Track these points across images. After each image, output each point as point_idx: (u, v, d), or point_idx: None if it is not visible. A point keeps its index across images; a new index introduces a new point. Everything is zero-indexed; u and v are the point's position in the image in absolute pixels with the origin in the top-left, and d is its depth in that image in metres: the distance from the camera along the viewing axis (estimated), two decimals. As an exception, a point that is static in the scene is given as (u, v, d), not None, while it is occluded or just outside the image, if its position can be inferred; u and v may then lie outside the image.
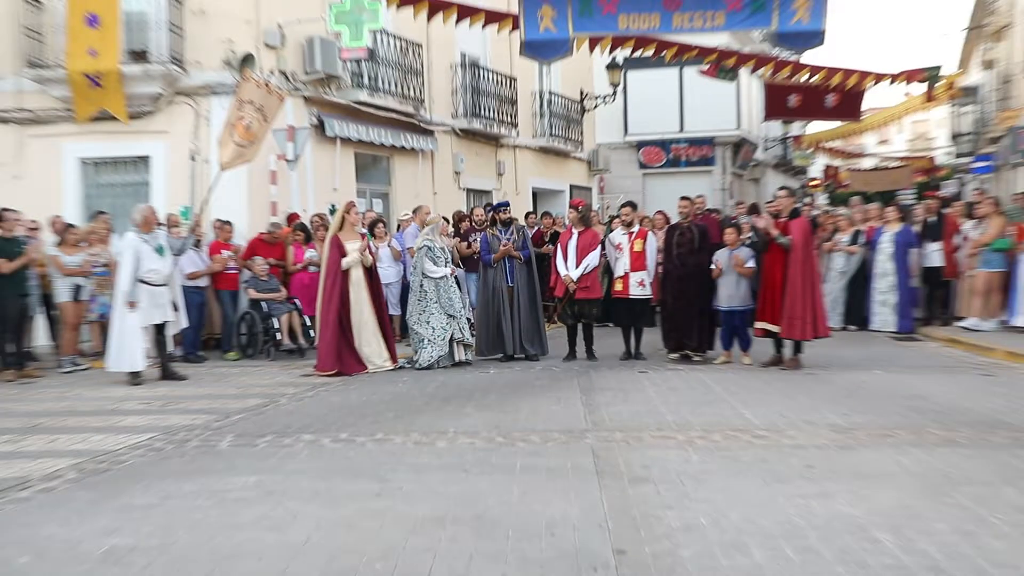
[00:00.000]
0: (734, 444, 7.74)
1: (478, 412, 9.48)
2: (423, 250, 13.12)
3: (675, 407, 9.50)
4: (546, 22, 14.50)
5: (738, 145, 31.51)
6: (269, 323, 14.24)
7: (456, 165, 21.48)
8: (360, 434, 8.45)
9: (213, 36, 15.87)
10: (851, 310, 16.94)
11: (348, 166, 18.15)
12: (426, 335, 12.94)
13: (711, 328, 13.17)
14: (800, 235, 11.96)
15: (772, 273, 12.09)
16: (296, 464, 7.36)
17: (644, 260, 13.37)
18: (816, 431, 8.18)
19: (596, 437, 8.10)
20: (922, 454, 7.27)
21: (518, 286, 13.56)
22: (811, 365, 12.22)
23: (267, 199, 16.04)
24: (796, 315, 11.84)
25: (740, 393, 10.29)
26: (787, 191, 13.00)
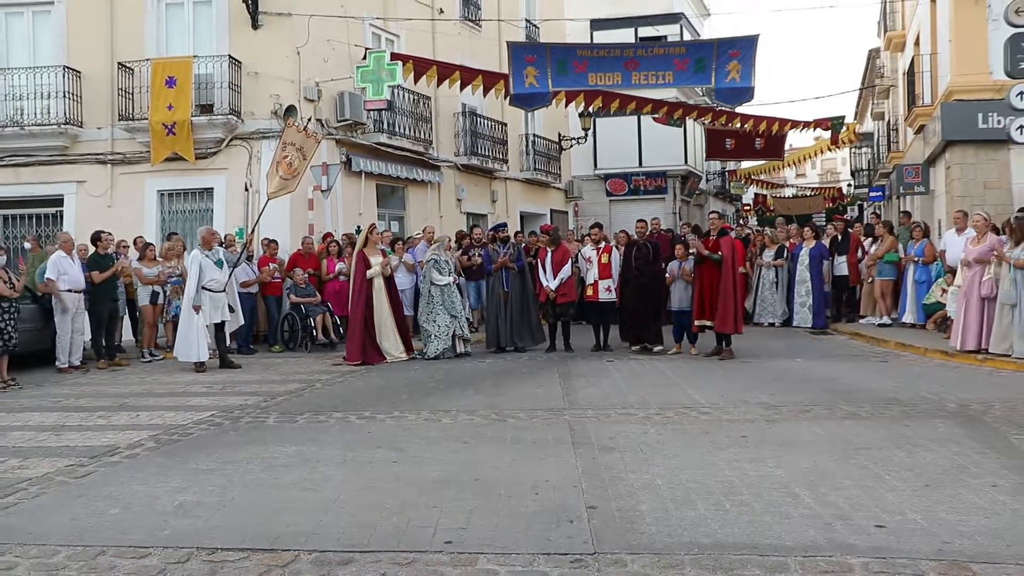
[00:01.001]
0: (684, 419, 7.74)
1: (476, 394, 9.47)
2: (431, 262, 13.13)
3: (636, 389, 9.50)
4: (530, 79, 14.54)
5: (686, 177, 31.52)
6: (307, 322, 14.23)
7: (458, 194, 21.44)
8: (380, 412, 8.42)
9: (264, 92, 15.96)
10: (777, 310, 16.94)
11: (371, 195, 18.10)
12: (433, 331, 12.94)
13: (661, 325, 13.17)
14: (728, 250, 12.01)
15: (707, 280, 12.11)
16: (328, 437, 7.33)
17: (610, 270, 13.34)
18: (749, 408, 8.19)
19: (572, 414, 8.09)
20: (833, 425, 7.29)
21: (513, 291, 13.53)
22: (744, 355, 12.22)
23: (305, 222, 16.01)
24: (727, 313, 11.87)
25: (689, 378, 10.29)
26: (717, 215, 13.01)
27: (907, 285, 14.91)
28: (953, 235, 13.78)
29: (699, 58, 14.19)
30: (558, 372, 11.14)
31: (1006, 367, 10.52)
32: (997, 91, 14.37)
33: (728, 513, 4.90)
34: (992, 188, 16.16)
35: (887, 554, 4.21)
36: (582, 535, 4.58)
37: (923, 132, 19.97)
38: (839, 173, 61.29)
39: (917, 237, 14.88)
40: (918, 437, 6.74)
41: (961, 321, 11.57)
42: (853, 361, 11.76)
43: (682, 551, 4.30)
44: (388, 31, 18.88)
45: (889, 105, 30.46)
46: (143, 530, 4.86)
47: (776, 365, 11.31)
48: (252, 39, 15.99)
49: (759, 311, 16.85)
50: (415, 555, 4.35)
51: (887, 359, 11.89)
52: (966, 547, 4.29)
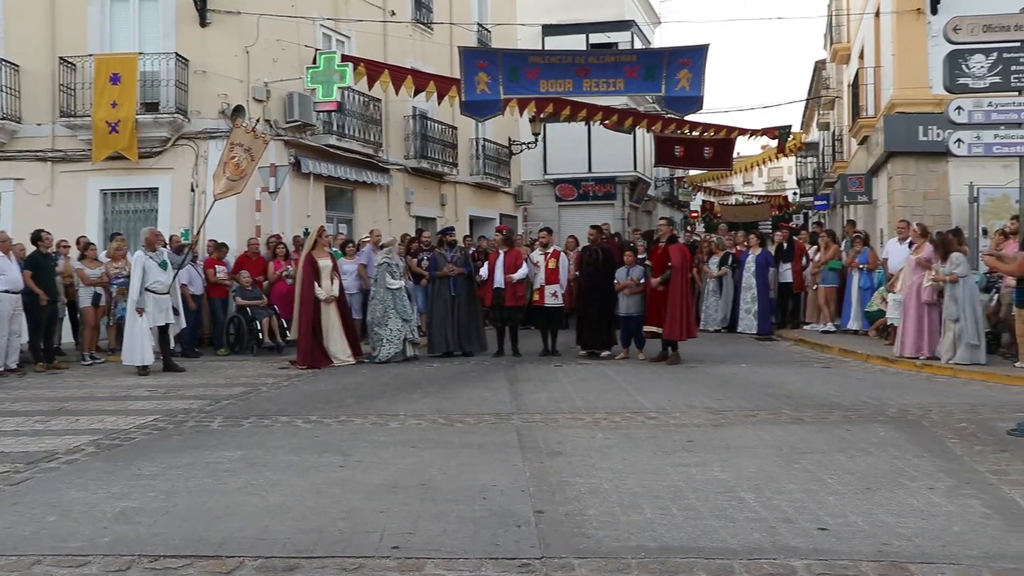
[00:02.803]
0: (631, 424, 7.78)
1: (424, 399, 9.44)
2: (383, 266, 13.08)
3: (584, 394, 9.53)
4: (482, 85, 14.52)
5: (634, 184, 31.78)
6: (253, 325, 14.08)
7: (407, 197, 21.34)
8: (327, 416, 8.36)
9: (211, 91, 15.72)
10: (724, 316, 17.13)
11: (319, 197, 17.95)
12: (385, 335, 12.90)
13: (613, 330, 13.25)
14: (677, 257, 12.09)
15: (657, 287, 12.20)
16: (274, 441, 7.26)
17: (557, 275, 13.37)
18: (696, 413, 8.27)
19: (520, 419, 8.10)
20: (777, 430, 7.39)
21: (459, 295, 13.50)
22: (691, 360, 12.34)
23: (252, 223, 15.81)
24: (675, 320, 11.97)
25: (636, 382, 10.35)
26: (667, 221, 13.14)
27: (851, 292, 15.20)
28: (895, 244, 14.15)
29: (649, 66, 14.29)
30: (506, 377, 11.14)
31: (943, 373, 10.79)
32: (937, 105, 14.73)
33: (675, 517, 4.94)
34: (931, 199, 16.54)
35: (829, 556, 4.29)
36: (529, 540, 4.58)
37: (867, 143, 20.39)
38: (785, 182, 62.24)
39: (858, 247, 15.21)
40: (859, 441, 6.87)
41: (901, 327, 11.85)
42: (797, 367, 11.94)
43: (629, 555, 4.33)
44: (339, 32, 18.76)
45: (834, 116, 31.01)
46: (82, 538, 4.76)
47: (722, 370, 11.43)
48: (200, 37, 15.76)
49: (705, 317, 17.02)
50: (361, 561, 4.32)
51: (830, 365, 12.09)
52: (904, 548, 4.39)
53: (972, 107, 10.13)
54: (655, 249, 12.68)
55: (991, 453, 6.43)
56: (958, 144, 10.37)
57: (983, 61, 9.95)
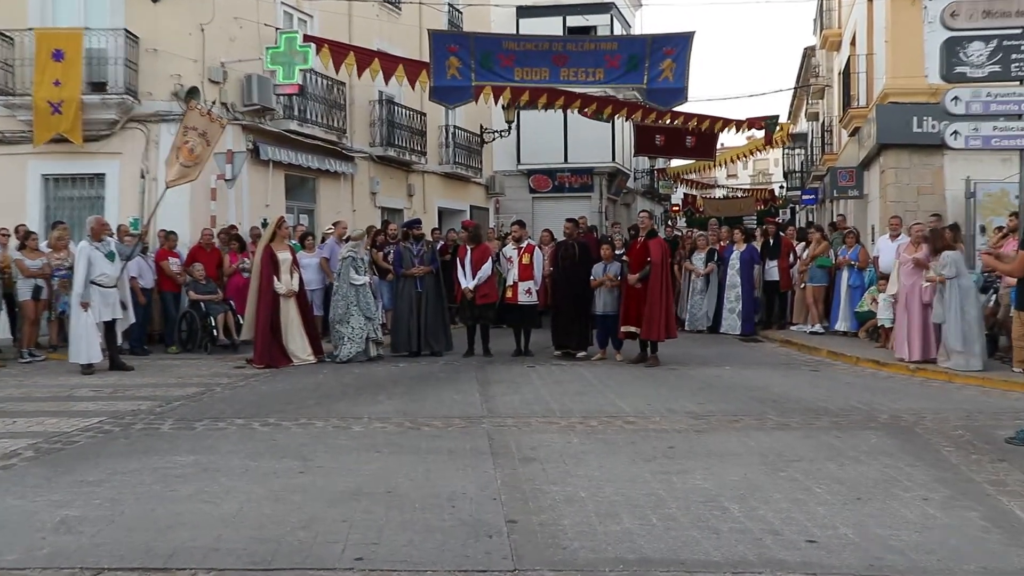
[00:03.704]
0: (608, 428, 7.80)
1: (389, 400, 9.42)
2: (348, 260, 13.02)
3: (559, 397, 9.54)
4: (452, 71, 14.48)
5: (613, 175, 31.86)
6: (207, 321, 13.96)
7: (372, 187, 21.27)
8: (286, 419, 8.31)
9: (164, 71, 15.54)
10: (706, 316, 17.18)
11: (279, 186, 17.84)
12: (347, 334, 12.85)
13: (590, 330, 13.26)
14: (657, 253, 12.12)
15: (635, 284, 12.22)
16: (229, 445, 7.21)
17: (531, 271, 13.38)
18: (676, 417, 8.29)
19: (491, 423, 8.10)
20: (763, 436, 7.43)
21: (426, 292, 13.45)
22: (671, 362, 12.38)
23: (207, 213, 15.68)
24: (654, 319, 11.98)
25: (613, 385, 10.37)
26: (647, 214, 13.11)
27: (840, 292, 15.28)
28: (887, 241, 14.21)
29: (631, 55, 14.30)
30: (476, 378, 11.13)
31: (938, 377, 10.87)
32: (932, 95, 14.83)
33: (655, 527, 4.95)
34: (926, 193, 16.67)
35: (818, 570, 4.31)
36: (501, 551, 4.57)
37: (858, 134, 20.54)
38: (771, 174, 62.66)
39: (850, 244, 15.29)
40: (849, 449, 6.91)
41: (904, 331, 11.85)
42: (784, 370, 12.00)
43: (607, 567, 4.33)
44: (301, 11, 18.64)
45: (824, 106, 31.22)
46: (19, 549, 4.69)
47: (704, 373, 11.48)
48: (151, 13, 15.56)
49: (689, 317, 17.07)
50: (323, 573, 4.30)
51: (818, 368, 12.17)
52: (898, 562, 4.41)
53: (970, 97, 10.17)
54: (634, 244, 12.70)
55: (988, 462, 6.48)
56: (954, 136, 10.42)
57: (982, 49, 10.02)
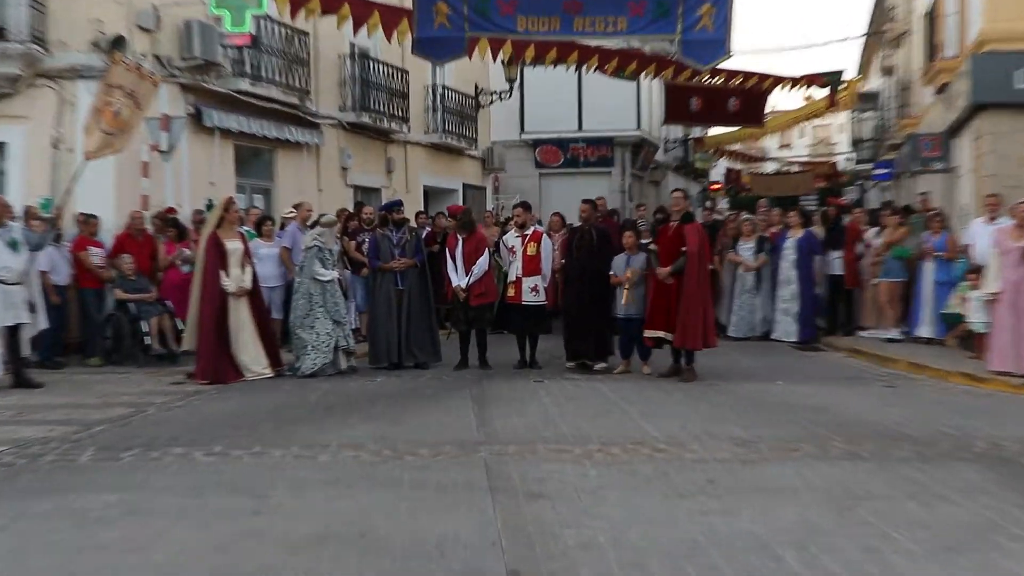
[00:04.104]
0: (634, 457, 7.78)
1: (363, 423, 9.40)
2: (313, 251, 13.00)
3: (572, 418, 9.52)
4: (440, 18, 14.37)
5: (638, 146, 31.83)
6: (137, 326, 13.94)
7: (343, 161, 21.26)
8: (235, 447, 8.29)
9: (80, 15, 15.44)
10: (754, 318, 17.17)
11: (227, 159, 17.83)
12: (310, 341, 12.81)
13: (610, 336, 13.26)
14: (694, 241, 12.08)
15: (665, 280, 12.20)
16: (164, 480, 7.18)
17: (538, 264, 13.38)
18: (718, 444, 8.26)
19: (489, 450, 8.08)
20: (825, 468, 7.39)
21: (409, 290, 13.42)
22: (711, 375, 12.37)
23: (137, 192, 15.63)
24: (691, 323, 11.93)
25: (639, 404, 10.35)
26: (681, 194, 12.95)
27: (922, 289, 15.21)
28: (982, 225, 13.76)
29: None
30: (471, 395, 11.13)
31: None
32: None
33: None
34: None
35: (896, 634, 4.27)
36: (502, 610, 4.55)
37: (946, 93, 20.39)
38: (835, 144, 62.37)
39: (935, 229, 15.17)
40: (937, 485, 6.87)
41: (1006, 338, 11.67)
42: (851, 385, 11.99)
43: (633, 631, 4.30)
44: (253, -58, 18.63)
45: (901, 58, 31.01)
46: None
47: (752, 389, 11.47)
48: (65, -59, 15.57)
49: (734, 320, 17.08)
50: (279, 638, 4.27)
51: (895, 384, 12.14)
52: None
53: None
54: (664, 230, 12.67)
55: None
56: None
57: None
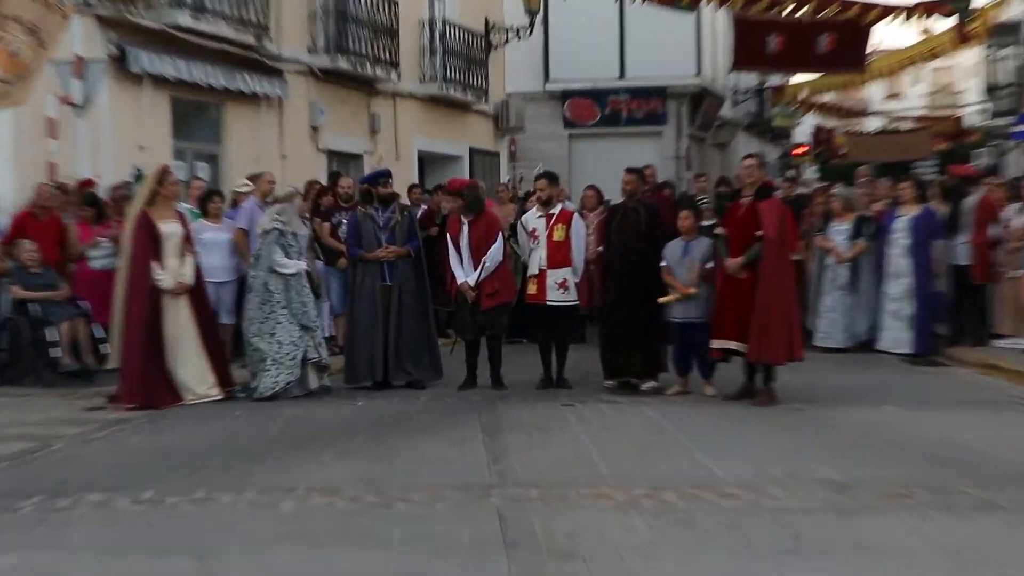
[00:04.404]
0: (694, 506, 7.76)
1: (340, 460, 9.43)
2: (272, 235, 12.97)
3: (613, 454, 9.50)
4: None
5: (698, 99, 31.81)
6: (42, 333, 13.93)
7: (313, 118, 21.26)
8: (172, 492, 8.28)
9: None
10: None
11: (161, 116, 17.84)
12: (270, 353, 12.80)
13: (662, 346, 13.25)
14: (773, 222, 12.00)
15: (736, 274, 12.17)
16: (78, 536, 7.18)
17: (567, 253, 13.34)
18: (805, 489, 8.24)
19: (504, 495, 8.09)
20: (950, 522, 7.36)
21: (400, 287, 13.45)
22: (796, 398, 12.33)
23: (42, 159, 15.67)
24: (770, 331, 11.88)
25: (702, 436, 10.33)
26: (756, 160, 12.91)
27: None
28: None
29: None
30: (480, 423, 11.14)
31: None
32: None
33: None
34: None
35: None
36: None
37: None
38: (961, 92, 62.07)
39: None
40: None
41: None
42: (984, 412, 11.93)
43: None
44: None
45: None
46: None
47: (849, 416, 11.44)
48: None
49: (824, 325, 17.02)
50: None
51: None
52: None
53: None
54: (733, 209, 12.62)
55: None
56: None
57: None
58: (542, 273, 13.33)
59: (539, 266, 13.37)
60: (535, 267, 13.42)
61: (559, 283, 13.28)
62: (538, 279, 13.36)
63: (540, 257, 13.38)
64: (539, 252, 13.40)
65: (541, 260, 13.36)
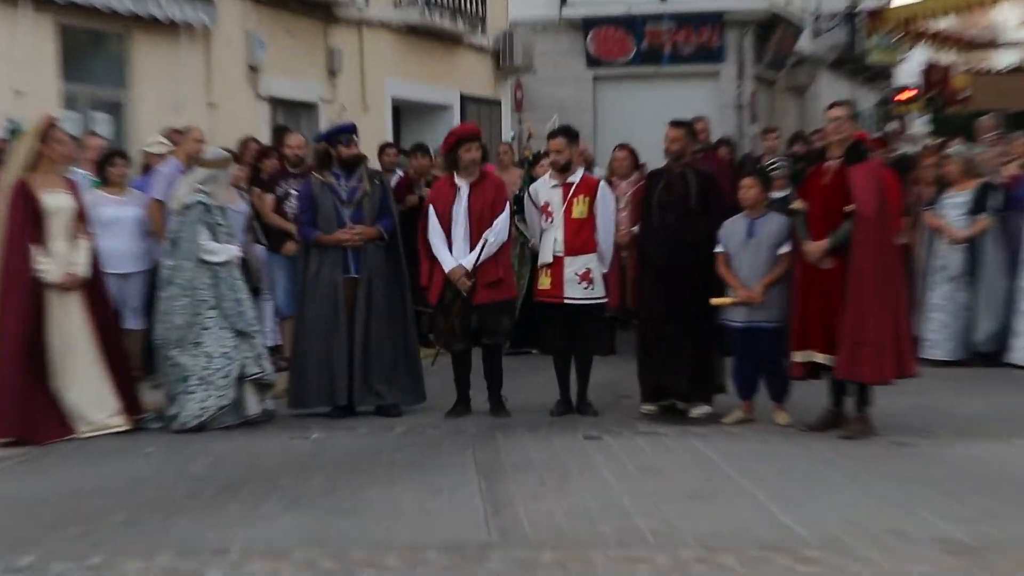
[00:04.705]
0: (762, 571, 7.75)
1: (288, 512, 9.42)
2: (195, 211, 13.03)
3: (652, 503, 9.49)
4: None
5: (766, 27, 31.89)
6: None
7: (252, 55, 21.32)
8: (59, 556, 8.26)
9: None
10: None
11: (45, 49, 17.89)
12: (195, 369, 12.87)
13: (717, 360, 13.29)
14: (870, 194, 11.97)
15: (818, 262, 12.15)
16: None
17: (591, 234, 13.38)
18: (913, 550, 8.22)
19: (507, 559, 8.09)
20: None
21: (369, 280, 13.49)
22: (897, 428, 12.37)
23: None
24: (866, 338, 11.86)
25: (772, 479, 10.32)
26: (846, 109, 12.86)
27: None
28: None
29: None
30: (476, 462, 11.19)
31: None
32: None
33: None
34: None
35: None
36: None
37: None
38: None
39: None
40: None
41: None
42: None
43: None
44: None
45: None
46: None
47: (973, 454, 11.45)
48: None
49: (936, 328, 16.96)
50: None
51: None
52: None
53: None
54: (815, 175, 12.60)
55: None
56: None
57: None
58: (558, 261, 13.33)
59: (554, 252, 13.36)
60: (549, 254, 13.41)
61: (580, 275, 13.29)
62: (553, 269, 13.37)
63: (555, 240, 13.38)
64: (554, 233, 13.40)
65: (557, 244, 13.36)
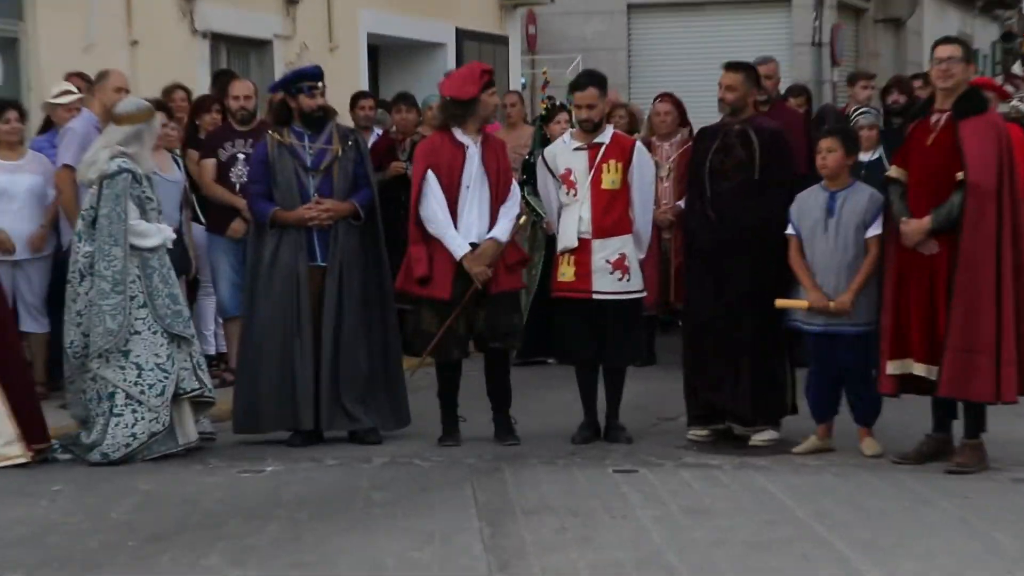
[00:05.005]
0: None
1: (236, 567, 9.48)
2: (120, 180, 12.99)
3: (702, 554, 9.57)
4: None
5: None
6: None
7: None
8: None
9: None
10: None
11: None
12: (118, 383, 12.92)
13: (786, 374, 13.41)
14: (988, 158, 11.90)
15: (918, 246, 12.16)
16: None
17: (625, 211, 13.41)
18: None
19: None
20: None
21: (340, 269, 13.51)
22: (1019, 460, 12.44)
23: None
24: (981, 345, 11.86)
25: (854, 524, 10.37)
26: (957, 48, 12.79)
27: None
28: None
29: None
30: (476, 502, 11.25)
31: None
32: None
33: None
34: None
35: None
36: None
37: None
38: None
39: None
40: None
41: None
42: None
43: None
44: None
45: None
46: None
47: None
48: None
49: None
50: None
51: None
52: None
53: None
54: (918, 134, 12.58)
55: None
56: None
57: None
58: (584, 245, 13.32)
59: (579, 234, 13.34)
60: (572, 236, 13.37)
61: (612, 261, 13.30)
62: (577, 256, 13.35)
63: (580, 219, 13.36)
64: (578, 210, 13.38)
65: (582, 224, 13.35)
